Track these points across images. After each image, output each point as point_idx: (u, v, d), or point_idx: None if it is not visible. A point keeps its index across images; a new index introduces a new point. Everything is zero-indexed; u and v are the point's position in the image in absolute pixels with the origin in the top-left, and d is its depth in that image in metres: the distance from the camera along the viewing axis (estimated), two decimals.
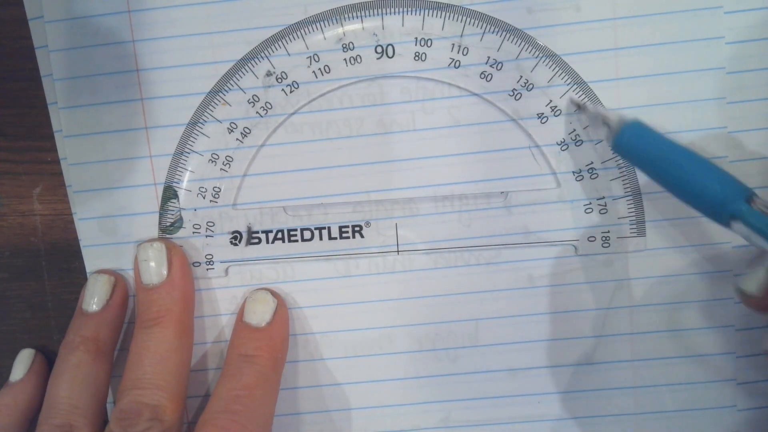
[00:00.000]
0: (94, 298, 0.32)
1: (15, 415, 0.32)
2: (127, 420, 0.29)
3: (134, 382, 0.30)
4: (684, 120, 0.32)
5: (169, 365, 0.30)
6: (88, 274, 0.33)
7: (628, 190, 0.32)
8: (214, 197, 0.32)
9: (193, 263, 0.33)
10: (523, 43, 0.32)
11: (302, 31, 0.32)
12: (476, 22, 0.31)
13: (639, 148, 0.29)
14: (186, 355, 0.31)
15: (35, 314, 0.35)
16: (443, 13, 0.32)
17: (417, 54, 0.32)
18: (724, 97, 0.32)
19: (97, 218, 0.33)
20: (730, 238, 0.32)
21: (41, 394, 0.32)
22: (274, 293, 0.33)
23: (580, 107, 0.32)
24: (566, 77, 0.32)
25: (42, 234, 0.34)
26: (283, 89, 0.32)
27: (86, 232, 0.33)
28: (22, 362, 0.34)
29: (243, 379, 0.30)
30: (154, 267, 0.32)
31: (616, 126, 0.29)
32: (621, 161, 0.32)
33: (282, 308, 0.32)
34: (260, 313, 0.32)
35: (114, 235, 0.33)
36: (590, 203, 0.32)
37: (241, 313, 0.32)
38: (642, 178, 0.32)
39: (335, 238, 0.33)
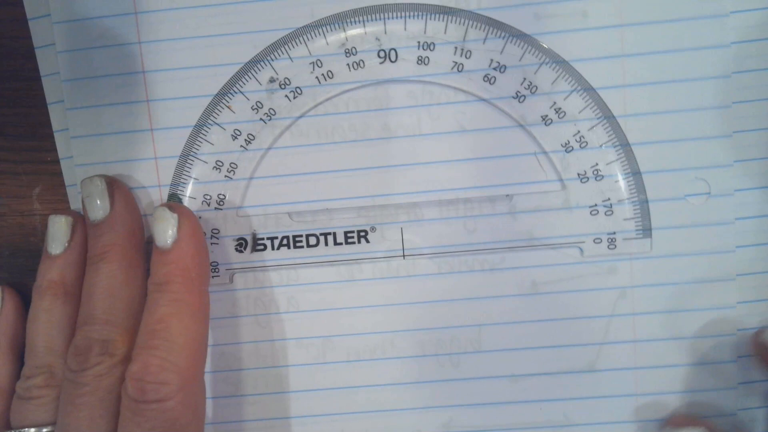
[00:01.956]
0: (55, 240, 0.32)
1: None
2: (80, 356, 0.30)
3: (85, 318, 0.31)
4: (690, 126, 0.32)
5: (117, 300, 0.31)
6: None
7: (633, 191, 0.32)
8: (219, 204, 0.33)
9: None
10: (526, 46, 0.31)
11: (305, 36, 0.32)
12: (479, 25, 0.31)
13: None
14: (135, 289, 0.31)
15: None
16: (446, 17, 0.31)
17: (420, 58, 0.32)
18: (730, 106, 0.31)
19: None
20: (733, 246, 0.32)
21: (21, 325, 0.33)
22: (173, 207, 0.31)
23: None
24: (570, 80, 0.31)
25: (42, 234, 0.34)
26: (286, 95, 0.32)
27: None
28: None
29: (158, 310, 0.30)
30: (97, 203, 0.32)
31: None
32: (626, 163, 0.32)
33: (186, 221, 0.31)
34: (161, 233, 0.31)
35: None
36: (595, 205, 0.32)
37: None
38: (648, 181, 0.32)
39: (341, 243, 0.33)
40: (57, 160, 0.34)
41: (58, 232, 0.32)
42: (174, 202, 0.33)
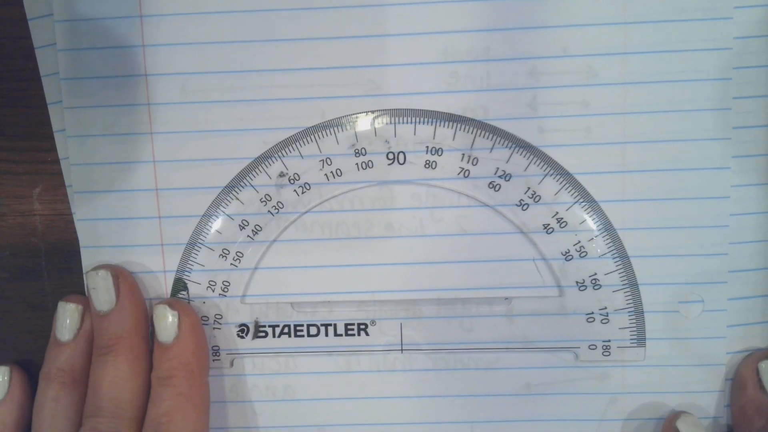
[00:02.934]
0: (65, 328, 0.33)
1: None
2: None
3: (93, 410, 0.31)
4: (687, 242, 0.32)
5: (124, 392, 0.31)
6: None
7: (630, 301, 0.33)
8: (223, 290, 0.33)
9: None
10: (531, 157, 0.32)
11: (316, 135, 0.32)
12: (487, 134, 0.32)
13: None
14: (141, 380, 0.32)
15: (35, 314, 0.35)
16: (455, 125, 0.32)
17: (427, 162, 0.32)
18: (727, 226, 0.32)
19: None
20: (724, 359, 0.33)
21: (27, 406, 0.33)
22: (173, 304, 0.32)
23: None
24: (573, 191, 0.32)
25: (42, 234, 0.35)
26: (295, 190, 0.33)
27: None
28: None
29: (162, 404, 0.31)
30: (103, 295, 0.32)
31: None
32: (624, 274, 0.32)
33: (186, 318, 0.32)
34: (163, 330, 0.32)
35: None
36: (592, 313, 0.33)
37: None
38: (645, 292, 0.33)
39: (341, 335, 0.34)
40: (57, 160, 0.34)
41: (68, 320, 0.33)
42: (177, 294, 0.33)
